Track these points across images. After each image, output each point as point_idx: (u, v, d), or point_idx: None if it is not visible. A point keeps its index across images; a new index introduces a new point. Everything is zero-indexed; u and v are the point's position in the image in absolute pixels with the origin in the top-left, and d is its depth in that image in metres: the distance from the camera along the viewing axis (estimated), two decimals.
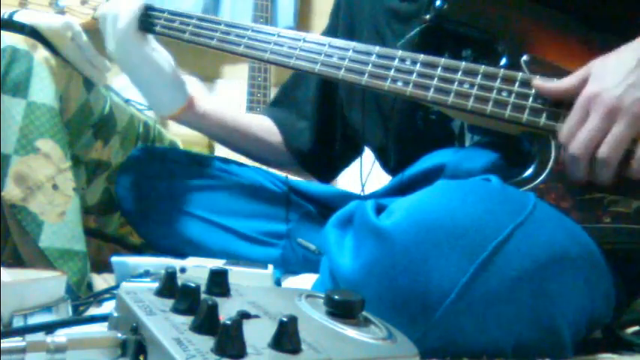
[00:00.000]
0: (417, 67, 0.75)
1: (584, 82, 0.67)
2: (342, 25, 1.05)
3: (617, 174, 0.65)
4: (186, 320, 0.39)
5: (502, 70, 0.72)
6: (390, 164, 0.98)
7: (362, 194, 0.96)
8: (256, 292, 0.49)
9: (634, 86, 0.63)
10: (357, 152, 1.08)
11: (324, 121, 1.09)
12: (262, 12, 2.13)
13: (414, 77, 0.75)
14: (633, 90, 0.63)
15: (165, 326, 0.38)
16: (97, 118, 1.00)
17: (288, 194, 1.01)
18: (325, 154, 1.11)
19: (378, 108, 0.97)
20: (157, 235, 0.99)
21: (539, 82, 0.70)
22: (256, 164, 1.11)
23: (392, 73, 0.76)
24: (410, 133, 0.91)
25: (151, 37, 0.93)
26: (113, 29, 0.90)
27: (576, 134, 0.65)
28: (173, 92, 0.96)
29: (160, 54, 0.93)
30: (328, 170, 1.15)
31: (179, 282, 0.44)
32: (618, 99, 0.63)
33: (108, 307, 0.72)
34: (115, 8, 0.91)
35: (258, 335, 0.38)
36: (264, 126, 1.11)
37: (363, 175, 1.13)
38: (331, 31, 1.07)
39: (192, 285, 0.42)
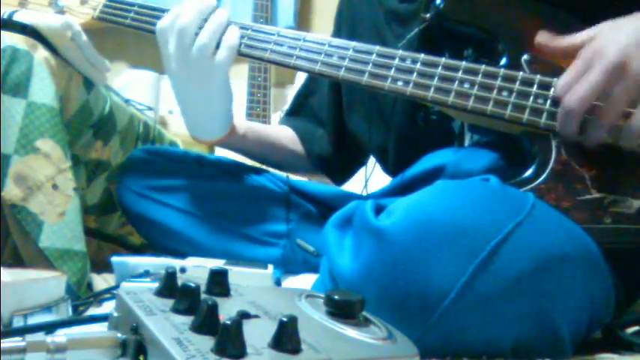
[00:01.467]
0: (418, 66, 0.75)
1: (591, 39, 0.65)
2: (344, 30, 1.06)
3: (606, 136, 0.64)
4: (186, 320, 0.39)
5: (502, 69, 0.72)
6: (391, 165, 0.98)
7: (364, 194, 0.96)
8: (256, 292, 0.49)
9: None
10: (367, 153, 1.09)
11: (341, 125, 1.09)
12: (262, 12, 2.13)
13: (414, 77, 0.75)
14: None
15: (166, 326, 0.38)
16: (97, 118, 1.00)
17: (288, 194, 1.01)
18: (344, 158, 1.11)
19: (378, 109, 0.97)
20: (158, 234, 0.99)
21: (544, 39, 0.68)
22: (256, 164, 1.11)
23: (392, 72, 0.76)
24: (411, 134, 0.91)
25: None
26: (203, 57, 0.83)
27: (574, 86, 0.64)
28: (222, 120, 0.93)
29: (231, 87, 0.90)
30: (345, 173, 1.15)
31: (179, 282, 0.44)
32: (625, 56, 0.61)
33: (108, 307, 0.72)
34: (209, 34, 0.83)
35: (258, 335, 0.38)
36: (290, 136, 1.12)
37: (365, 175, 1.13)
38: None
39: (192, 285, 0.42)
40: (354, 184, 1.16)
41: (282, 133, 1.12)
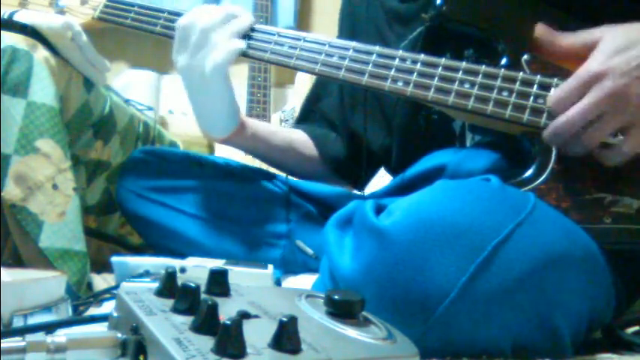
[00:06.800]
0: (418, 66, 0.75)
1: (588, 48, 0.66)
2: (345, 30, 1.06)
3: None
4: (186, 320, 0.39)
5: (502, 69, 0.72)
6: (393, 165, 0.98)
7: (363, 194, 0.96)
8: (256, 292, 0.49)
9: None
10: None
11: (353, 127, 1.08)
12: (262, 12, 2.13)
13: (414, 77, 0.75)
14: (638, 83, 0.61)
15: (166, 326, 0.38)
16: (97, 118, 1.00)
17: (288, 194, 1.01)
18: (359, 161, 1.11)
19: (380, 109, 0.97)
20: (157, 235, 0.99)
21: (543, 31, 0.69)
22: (256, 164, 1.11)
23: (392, 72, 0.76)
24: (412, 134, 0.91)
25: None
26: (205, 58, 0.85)
27: (568, 108, 0.64)
28: (229, 118, 0.94)
29: (232, 85, 0.92)
30: (361, 176, 1.14)
31: (179, 282, 0.44)
32: (622, 89, 0.61)
33: (108, 307, 0.72)
34: (215, 38, 0.85)
35: (258, 335, 0.37)
36: (303, 139, 1.10)
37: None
38: None
39: (192, 285, 0.42)
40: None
41: (294, 135, 1.10)
